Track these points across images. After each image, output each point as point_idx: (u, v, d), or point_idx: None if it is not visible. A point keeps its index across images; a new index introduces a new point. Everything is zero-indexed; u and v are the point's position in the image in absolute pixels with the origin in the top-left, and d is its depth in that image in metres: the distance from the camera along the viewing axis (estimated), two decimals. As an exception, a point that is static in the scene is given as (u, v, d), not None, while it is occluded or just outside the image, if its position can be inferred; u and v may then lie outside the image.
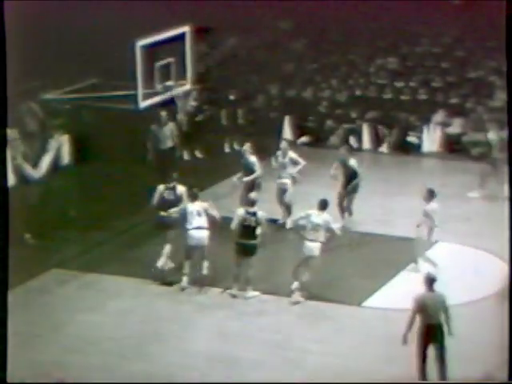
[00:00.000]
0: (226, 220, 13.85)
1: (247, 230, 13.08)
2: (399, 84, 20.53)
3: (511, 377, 9.33)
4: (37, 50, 15.17)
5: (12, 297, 13.05)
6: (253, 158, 15.68)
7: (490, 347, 10.89)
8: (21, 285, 13.32)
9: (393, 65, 21.08)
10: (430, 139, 19.54)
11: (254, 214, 13.14)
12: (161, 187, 13.77)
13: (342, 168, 15.77)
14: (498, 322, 10.45)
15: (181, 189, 13.75)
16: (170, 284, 13.66)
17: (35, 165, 15.45)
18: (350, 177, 15.65)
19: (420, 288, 13.12)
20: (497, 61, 19.60)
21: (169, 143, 17.13)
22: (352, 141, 19.69)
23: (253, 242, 13.08)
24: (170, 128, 17.19)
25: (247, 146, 15.92)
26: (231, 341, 12.11)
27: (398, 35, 21.55)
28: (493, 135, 17.30)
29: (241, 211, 13.26)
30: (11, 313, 12.74)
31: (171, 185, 13.74)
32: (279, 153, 15.93)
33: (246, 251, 13.10)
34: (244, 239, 13.10)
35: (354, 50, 21.53)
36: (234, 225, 13.18)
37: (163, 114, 17.10)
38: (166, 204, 13.68)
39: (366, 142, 19.75)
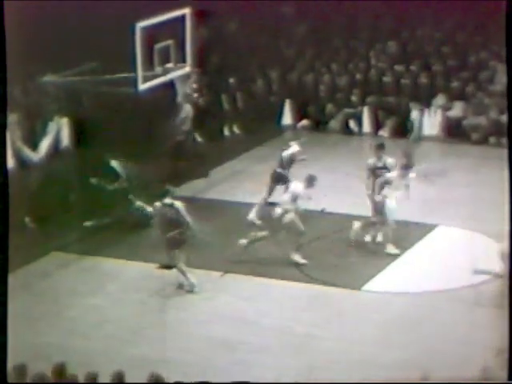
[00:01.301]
0: (224, 204, 13.72)
1: (170, 222, 12.74)
2: (399, 68, 20.44)
3: (511, 377, 9.26)
4: (35, 34, 15.08)
5: (13, 280, 13.05)
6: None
7: (490, 346, 10.78)
8: (21, 268, 13.30)
9: (393, 48, 20.99)
10: (431, 123, 19.47)
11: (171, 205, 12.76)
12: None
13: (373, 174, 14.26)
14: (499, 309, 10.40)
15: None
16: (170, 267, 13.64)
17: (34, 148, 15.40)
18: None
19: (420, 271, 13.23)
20: (497, 45, 19.52)
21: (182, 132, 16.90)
22: (352, 124, 19.65)
23: (179, 231, 12.76)
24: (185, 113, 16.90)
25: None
26: (233, 325, 12.09)
27: (398, 19, 21.43)
28: (415, 115, 17.17)
29: (157, 204, 12.82)
30: (12, 296, 12.72)
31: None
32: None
33: (175, 243, 12.80)
34: (169, 232, 12.76)
35: (355, 34, 21.41)
36: (155, 222, 12.92)
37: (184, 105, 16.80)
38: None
39: (367, 126, 19.69)
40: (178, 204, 12.84)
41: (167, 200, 12.81)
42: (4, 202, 8.85)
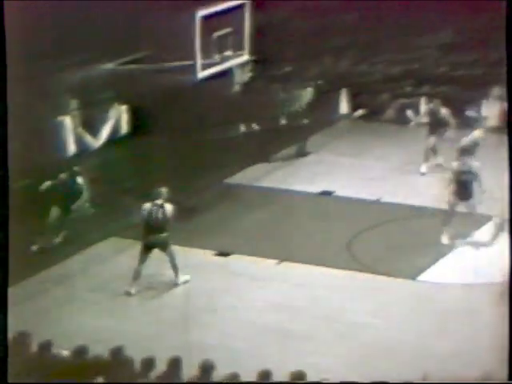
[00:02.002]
0: (275, 192, 13.61)
1: (155, 223, 12.64)
2: (456, 58, 20.27)
3: (511, 377, 9.21)
4: (91, 21, 15.31)
5: (71, 264, 13.39)
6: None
7: (491, 347, 10.77)
8: (79, 253, 13.58)
9: (448, 38, 20.79)
10: (490, 114, 19.30)
11: (162, 205, 12.65)
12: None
13: (456, 178, 13.89)
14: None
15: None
16: (225, 255, 13.81)
17: (95, 134, 15.67)
18: (466, 184, 13.82)
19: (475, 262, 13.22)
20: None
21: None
22: (409, 114, 19.57)
23: (164, 235, 12.71)
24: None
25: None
26: (283, 312, 12.22)
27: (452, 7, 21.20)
28: (445, 113, 16.72)
29: (147, 205, 12.65)
30: (70, 279, 13.06)
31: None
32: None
33: (157, 246, 12.75)
34: (154, 234, 12.67)
35: (407, 22, 21.22)
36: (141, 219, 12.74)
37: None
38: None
39: (423, 116, 19.58)
40: (168, 206, 12.70)
41: (158, 201, 12.69)
42: (4, 200, 8.56)
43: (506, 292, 9.25)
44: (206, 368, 9.06)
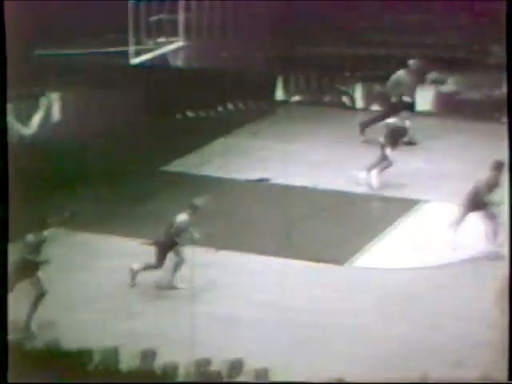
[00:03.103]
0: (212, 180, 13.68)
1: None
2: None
3: (511, 377, 9.34)
4: (31, 7, 15.09)
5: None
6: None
7: (490, 345, 10.87)
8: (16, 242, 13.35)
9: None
10: (423, 98, 19.41)
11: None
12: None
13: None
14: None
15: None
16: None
17: (26, 123, 15.45)
18: None
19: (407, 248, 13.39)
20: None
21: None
22: (345, 100, 19.60)
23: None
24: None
25: None
26: (225, 300, 12.19)
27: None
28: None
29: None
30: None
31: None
32: None
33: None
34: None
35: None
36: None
37: None
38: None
39: (359, 101, 19.65)
40: (182, 216, 12.79)
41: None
42: (4, 190, 8.46)
43: (506, 289, 9.39)
44: (146, 356, 9.02)
